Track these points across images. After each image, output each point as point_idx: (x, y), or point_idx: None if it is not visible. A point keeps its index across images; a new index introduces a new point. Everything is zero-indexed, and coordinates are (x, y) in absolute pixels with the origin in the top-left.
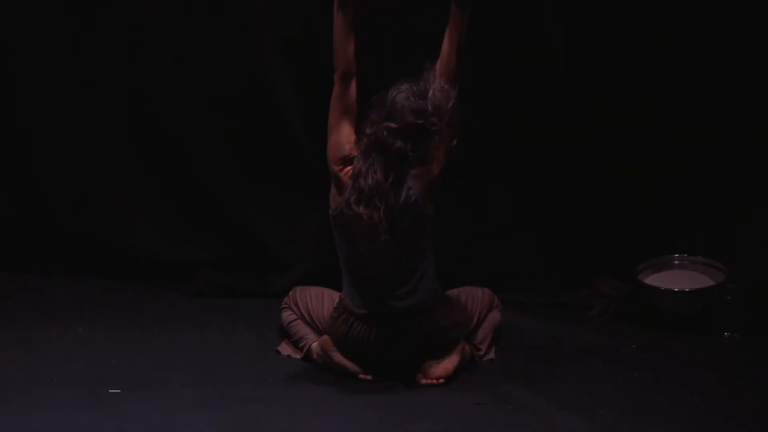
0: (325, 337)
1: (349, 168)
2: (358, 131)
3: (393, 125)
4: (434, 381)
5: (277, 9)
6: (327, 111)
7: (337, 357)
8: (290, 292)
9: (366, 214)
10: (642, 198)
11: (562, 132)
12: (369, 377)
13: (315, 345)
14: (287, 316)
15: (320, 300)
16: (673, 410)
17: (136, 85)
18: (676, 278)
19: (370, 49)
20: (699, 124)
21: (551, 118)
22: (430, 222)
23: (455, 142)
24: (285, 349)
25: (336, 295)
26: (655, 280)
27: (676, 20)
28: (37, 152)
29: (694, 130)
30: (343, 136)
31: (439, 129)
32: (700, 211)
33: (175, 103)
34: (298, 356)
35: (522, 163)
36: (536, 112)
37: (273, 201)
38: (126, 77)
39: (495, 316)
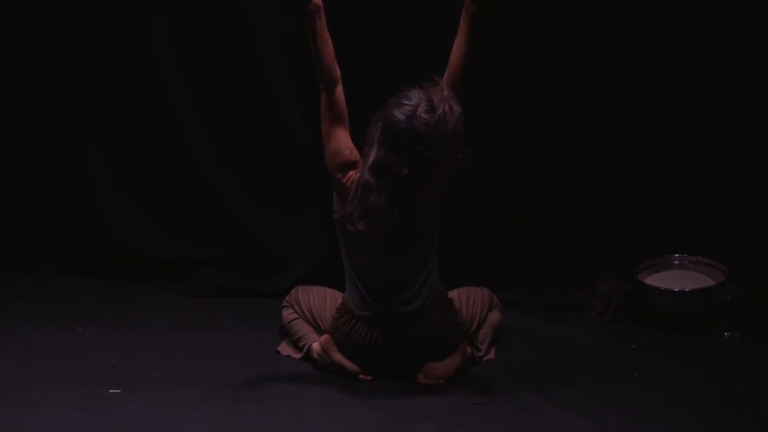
0: (326, 336)
1: (351, 173)
2: (360, 143)
3: (401, 153)
4: (435, 381)
5: (278, 8)
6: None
7: (337, 356)
8: (292, 291)
9: (368, 231)
10: (642, 198)
11: (563, 131)
12: (369, 377)
13: (315, 344)
14: (288, 314)
15: (322, 299)
16: (673, 410)
17: (136, 85)
18: (676, 278)
19: (368, 49)
20: (699, 124)
21: (551, 117)
22: (437, 227)
23: (465, 155)
24: (285, 349)
25: (338, 295)
26: (655, 280)
27: (676, 20)
28: (37, 152)
29: (695, 130)
30: (340, 143)
31: (450, 154)
32: (700, 211)
33: (175, 103)
34: (297, 356)
35: (522, 163)
36: (536, 111)
37: (273, 201)
38: (126, 77)
39: (495, 316)
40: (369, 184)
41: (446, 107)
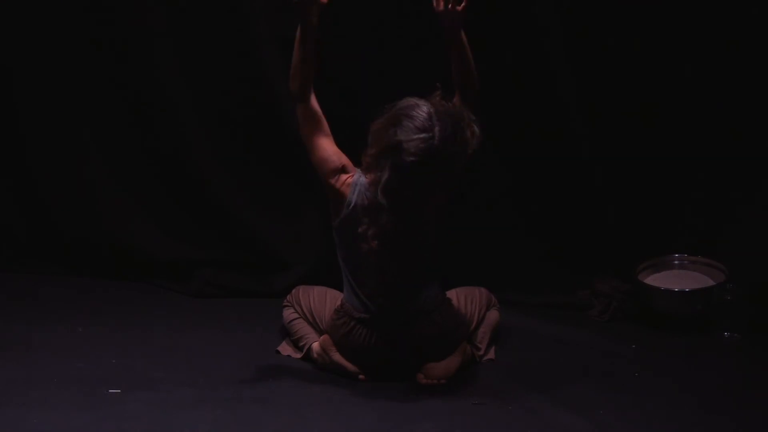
0: (326, 336)
1: (344, 177)
2: (362, 145)
3: (414, 181)
4: (435, 381)
5: (278, 8)
6: (327, 109)
7: (337, 357)
8: (293, 291)
9: (381, 249)
10: (642, 198)
11: (562, 132)
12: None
13: (315, 344)
14: (289, 314)
15: (323, 300)
16: (673, 410)
17: (136, 85)
18: (676, 278)
19: (370, 52)
20: (699, 124)
21: (551, 117)
22: (439, 231)
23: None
24: (285, 348)
25: (339, 296)
26: (655, 280)
27: (676, 20)
28: (37, 153)
29: (694, 130)
30: (325, 151)
31: (461, 170)
32: (700, 211)
33: (175, 103)
34: (297, 356)
35: (522, 163)
36: (536, 112)
37: (273, 201)
38: (126, 77)
39: (493, 315)
40: (381, 206)
41: (468, 134)
